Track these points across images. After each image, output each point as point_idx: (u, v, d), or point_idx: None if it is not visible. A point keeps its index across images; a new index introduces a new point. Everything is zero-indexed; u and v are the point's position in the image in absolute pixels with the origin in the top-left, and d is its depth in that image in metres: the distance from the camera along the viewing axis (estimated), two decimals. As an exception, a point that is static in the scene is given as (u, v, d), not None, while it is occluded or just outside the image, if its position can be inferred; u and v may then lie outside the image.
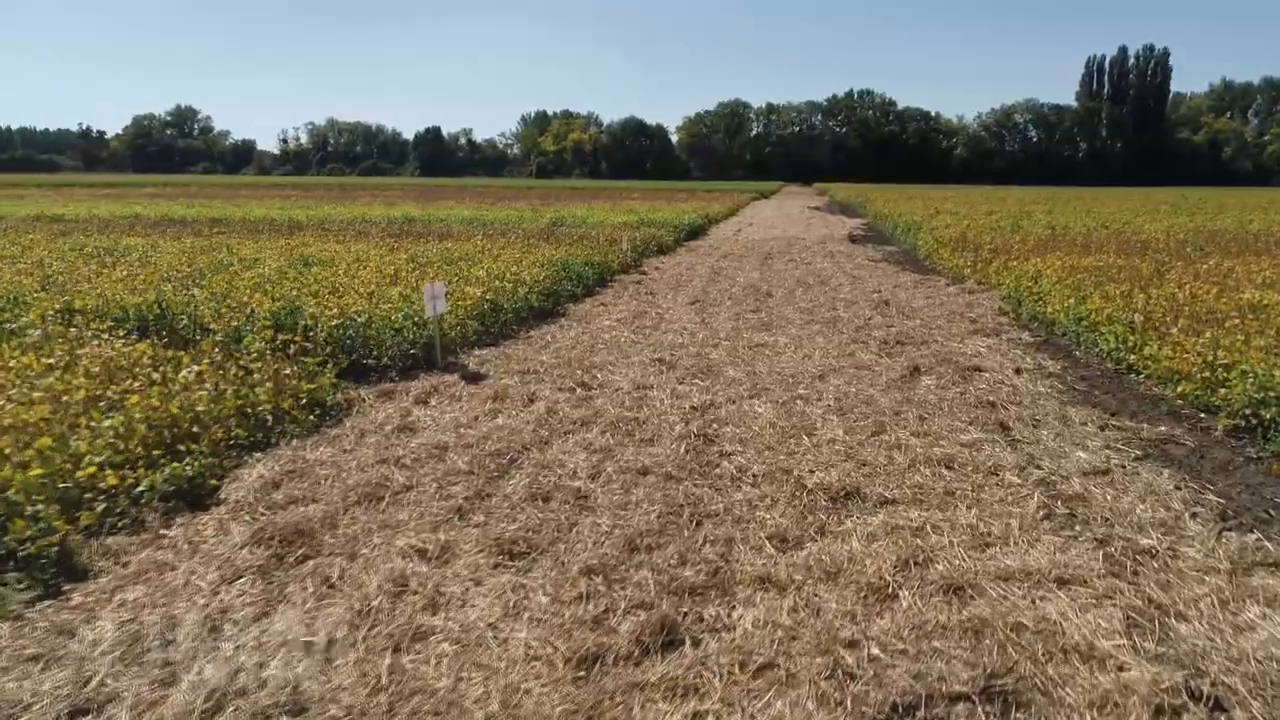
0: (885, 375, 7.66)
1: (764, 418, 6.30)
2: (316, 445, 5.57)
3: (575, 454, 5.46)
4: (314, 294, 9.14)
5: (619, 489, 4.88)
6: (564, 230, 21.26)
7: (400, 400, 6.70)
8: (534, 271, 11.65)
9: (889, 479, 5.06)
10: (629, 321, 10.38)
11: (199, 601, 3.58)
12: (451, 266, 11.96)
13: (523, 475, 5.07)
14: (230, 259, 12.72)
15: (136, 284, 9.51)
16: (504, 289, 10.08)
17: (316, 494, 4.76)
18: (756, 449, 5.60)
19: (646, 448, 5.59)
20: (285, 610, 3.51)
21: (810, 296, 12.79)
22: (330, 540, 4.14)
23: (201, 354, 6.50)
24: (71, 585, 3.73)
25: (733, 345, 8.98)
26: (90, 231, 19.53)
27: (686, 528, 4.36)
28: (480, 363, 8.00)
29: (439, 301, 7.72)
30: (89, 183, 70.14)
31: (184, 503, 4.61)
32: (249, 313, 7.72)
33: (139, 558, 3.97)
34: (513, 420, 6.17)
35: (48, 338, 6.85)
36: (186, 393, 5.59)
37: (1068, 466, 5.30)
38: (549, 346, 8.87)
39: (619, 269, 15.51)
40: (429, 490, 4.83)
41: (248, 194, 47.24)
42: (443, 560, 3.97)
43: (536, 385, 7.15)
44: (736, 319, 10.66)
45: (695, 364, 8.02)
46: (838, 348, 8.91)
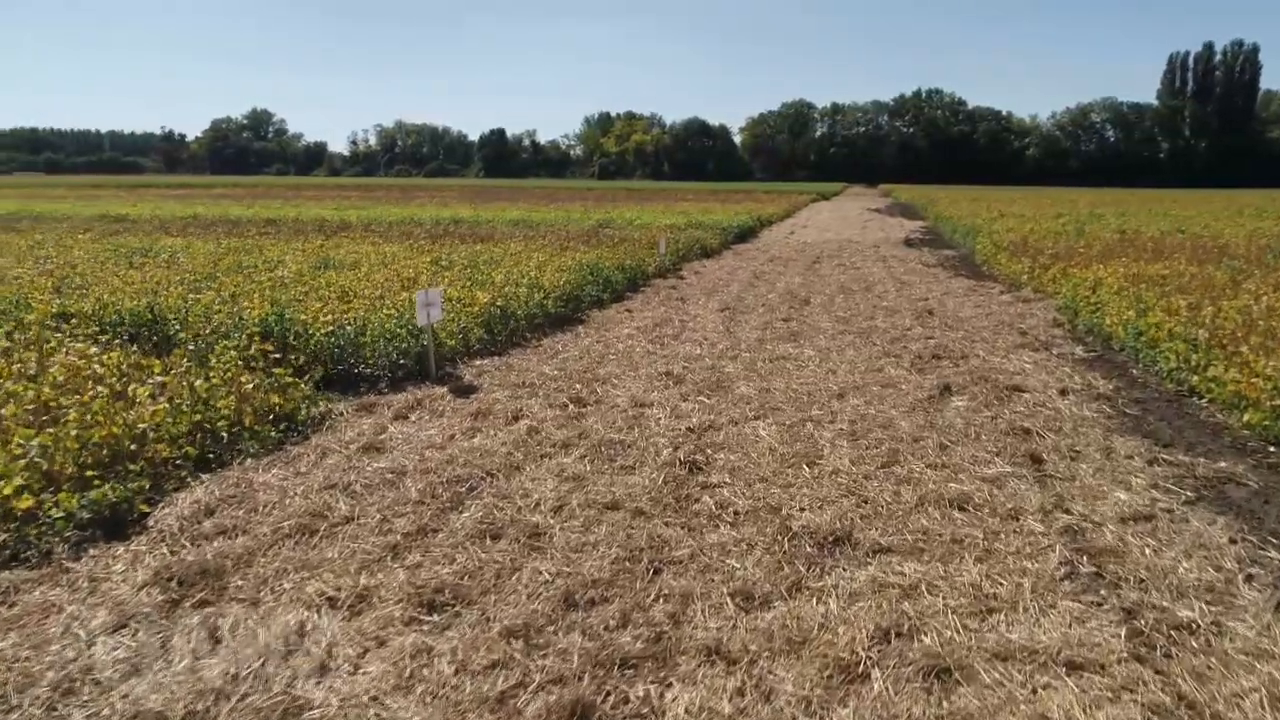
0: (912, 395, 6.98)
1: (765, 442, 5.70)
2: (271, 466, 5.18)
3: (544, 482, 4.96)
4: (320, 299, 8.84)
5: (579, 526, 4.36)
6: (608, 232, 20.82)
7: (380, 415, 6.29)
8: (555, 276, 11.20)
9: (889, 522, 4.43)
10: (650, 330, 9.84)
11: (68, 655, 3.17)
12: (473, 270, 11.58)
13: (479, 506, 4.58)
14: (255, 261, 12.57)
15: (146, 286, 9.35)
16: (517, 295, 9.64)
17: (249, 524, 4.35)
18: (746, 481, 5.02)
19: (624, 476, 5.06)
20: (156, 670, 3.08)
21: (850, 304, 12.08)
22: (239, 583, 3.72)
23: (171, 363, 6.19)
24: (-55, 628, 3.37)
25: (752, 358, 8.37)
26: (144, 232, 19.82)
27: (641, 578, 3.82)
28: (478, 374, 7.56)
29: (433, 309, 7.30)
30: (164, 183, 72.50)
31: (105, 531, 4.24)
32: (237, 319, 7.41)
33: (28, 598, 3.60)
34: (489, 440, 5.70)
35: (28, 343, 6.62)
36: (139, 407, 5.25)
37: (1103, 510, 4.59)
38: (557, 356, 8.39)
39: (655, 273, 14.99)
40: (370, 523, 4.38)
41: (311, 194, 48.06)
42: (354, 611, 3.51)
43: (528, 400, 6.68)
44: (765, 328, 10.04)
45: (706, 378, 7.45)
46: (866, 361, 8.24)
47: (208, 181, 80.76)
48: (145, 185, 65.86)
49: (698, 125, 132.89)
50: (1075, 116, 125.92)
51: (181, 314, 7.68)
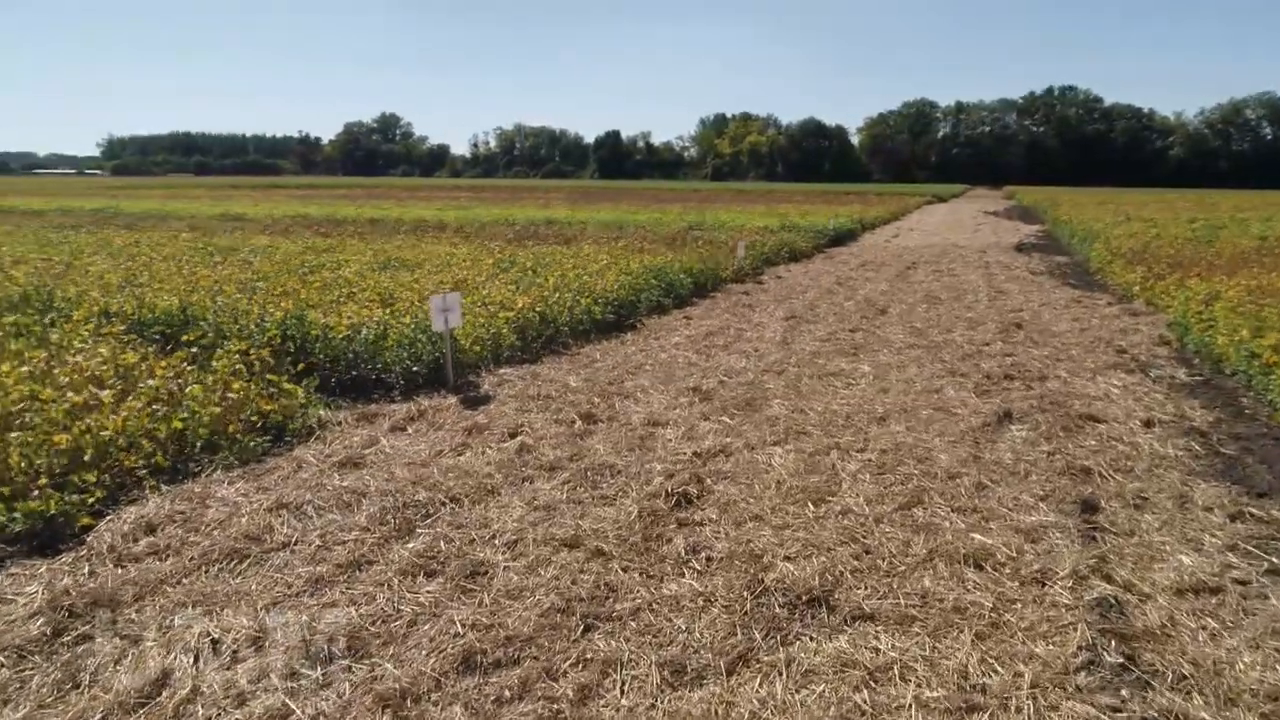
0: (965, 422, 6.20)
1: (775, 473, 5.09)
2: (237, 479, 4.92)
3: (511, 510, 4.51)
4: (360, 302, 8.69)
5: (525, 567, 3.89)
6: (696, 235, 20.30)
7: (378, 426, 6.00)
8: (614, 280, 10.77)
9: (884, 580, 3.77)
10: (700, 339, 9.28)
11: (-82, 691, 2.93)
12: (532, 274, 11.28)
13: (428, 537, 4.18)
14: (324, 261, 12.67)
15: (202, 286, 9.44)
16: (562, 300, 9.26)
17: (184, 545, 4.08)
18: (736, 519, 4.43)
19: (600, 508, 4.55)
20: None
21: (931, 315, 11.16)
22: (131, 616, 3.42)
23: (170, 365, 6.07)
24: None
25: (799, 373, 7.71)
26: (251, 231, 20.55)
27: (567, 636, 3.32)
28: (498, 384, 7.19)
29: (451, 314, 6.98)
30: (292, 184, 76.21)
31: (36, 545, 4.05)
32: (259, 321, 7.29)
33: (-80, 618, 3.41)
34: (474, 459, 5.30)
35: (46, 341, 6.66)
36: (102, 413, 5.10)
37: (1156, 577, 3.79)
38: (590, 366, 7.95)
39: (732, 278, 14.38)
40: (306, 550, 4.03)
41: (423, 195, 49.40)
42: (234, 659, 3.15)
43: (535, 414, 6.25)
44: (827, 339, 9.32)
45: (739, 395, 6.86)
46: (926, 380, 7.44)
47: (332, 182, 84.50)
48: (275, 186, 69.30)
49: (813, 126, 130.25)
50: (1227, 113, 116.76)
51: (211, 314, 7.63)
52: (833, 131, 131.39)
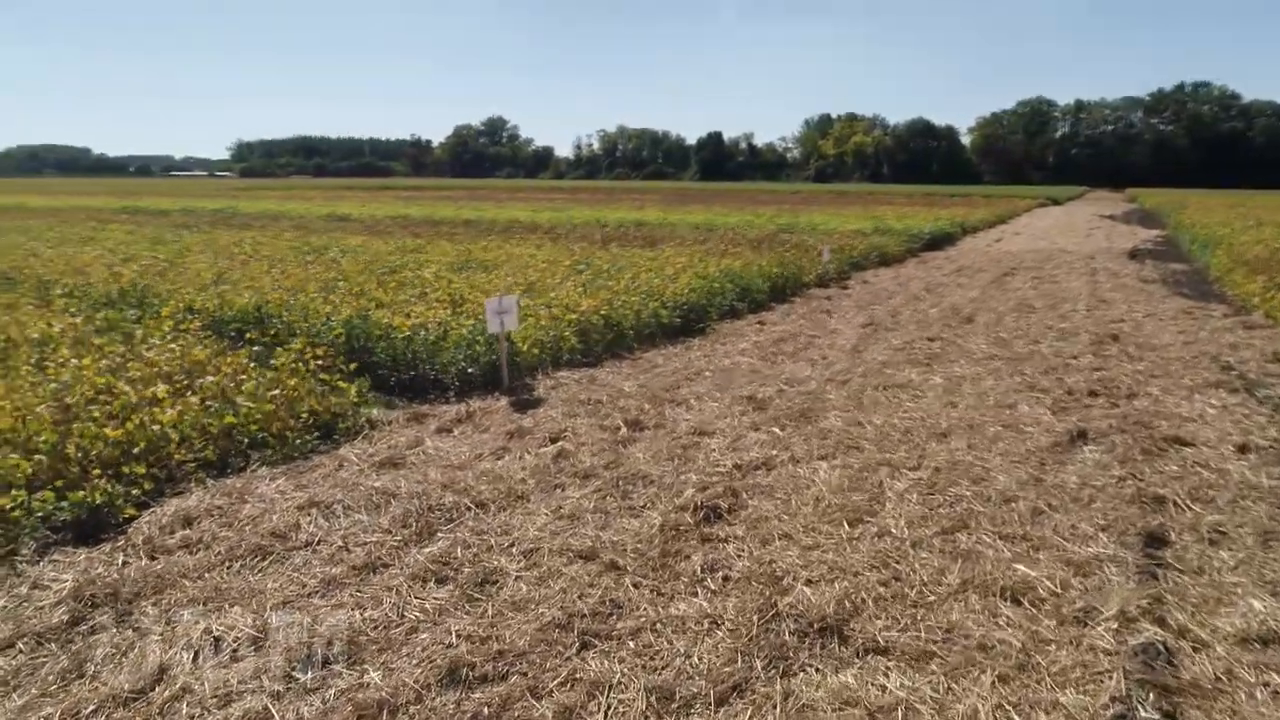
0: (1034, 440, 5.81)
1: (815, 489, 4.87)
2: (279, 476, 5.03)
3: (535, 518, 4.45)
4: (429, 302, 8.84)
5: (537, 577, 3.82)
6: (785, 237, 19.97)
7: (425, 426, 6.06)
8: (687, 283, 10.64)
9: (908, 610, 3.54)
10: (769, 345, 9.06)
11: (-60, 672, 3.07)
12: (600, 277, 11.27)
13: (447, 542, 4.16)
14: (407, 261, 12.98)
15: (284, 284, 9.79)
16: (628, 304, 9.19)
17: (214, 539, 4.18)
18: (764, 537, 4.25)
19: (624, 519, 4.45)
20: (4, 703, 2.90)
21: (1021, 324, 10.60)
22: (147, 609, 3.51)
23: (226, 363, 6.28)
24: None
25: (865, 383, 7.41)
26: (353, 231, 21.32)
27: (562, 653, 3.23)
28: (553, 387, 7.17)
29: (507, 317, 7.00)
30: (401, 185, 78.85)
31: (80, 534, 4.22)
32: (325, 320, 7.49)
33: (-41, 600, 3.58)
34: (511, 464, 5.28)
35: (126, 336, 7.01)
36: (171, 408, 5.30)
37: (1218, 624, 3.43)
38: (650, 371, 7.85)
39: (816, 282, 14.04)
40: (327, 550, 4.07)
41: (523, 197, 50.38)
42: (234, 657, 3.18)
43: (582, 420, 6.19)
44: (901, 348, 8.95)
45: (795, 405, 6.63)
46: (1001, 395, 7.04)
47: (437, 184, 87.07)
48: (385, 188, 71.80)
49: (921, 126, 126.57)
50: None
51: (283, 313, 7.88)
52: (942, 132, 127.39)
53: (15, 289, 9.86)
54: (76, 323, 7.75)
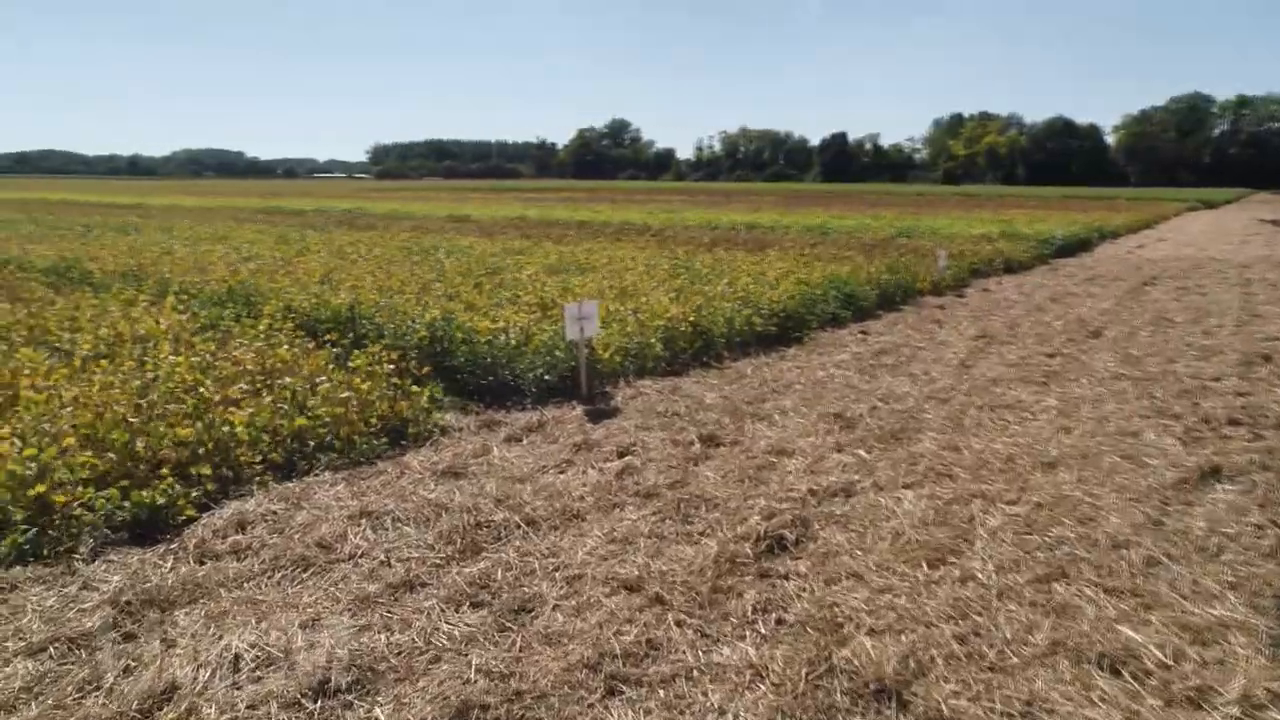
0: (1157, 475, 5.17)
1: (895, 522, 4.44)
2: (340, 482, 4.98)
3: (586, 540, 4.21)
4: (518, 306, 8.78)
5: (577, 607, 3.58)
6: (902, 242, 19.17)
7: (495, 434, 5.92)
8: (787, 289, 10.21)
9: (983, 674, 3.09)
10: (868, 357, 8.55)
11: (-28, 672, 3.08)
12: (696, 281, 10.97)
13: (489, 562, 3.97)
14: (508, 263, 13.03)
15: (382, 284, 9.94)
16: (719, 310, 8.86)
17: (263, 546, 4.13)
18: (829, 575, 3.87)
19: (679, 546, 4.15)
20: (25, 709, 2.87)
21: (1156, 340, 9.67)
22: (178, 619, 3.45)
23: (307, 364, 6.32)
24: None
25: (969, 402, 6.84)
26: (467, 232, 21.76)
27: (584, 698, 2.96)
28: (632, 396, 6.93)
29: (587, 323, 6.80)
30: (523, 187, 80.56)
31: (137, 534, 4.25)
32: (410, 322, 7.49)
33: (7, 600, 3.63)
34: (572, 478, 5.06)
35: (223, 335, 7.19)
36: (246, 407, 5.34)
37: (1371, 719, 2.84)
38: (736, 382, 7.50)
39: (930, 289, 13.29)
40: (368, 565, 3.95)
41: (641, 198, 50.56)
42: (248, 679, 3.06)
43: (658, 432, 5.92)
44: (1016, 364, 8.27)
45: (887, 425, 6.16)
46: (1123, 420, 6.35)
47: (558, 185, 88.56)
48: (508, 189, 73.55)
49: (1061, 125, 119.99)
50: None
51: (373, 314, 7.95)
52: (1083, 131, 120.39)
53: (140, 285, 10.39)
54: (182, 320, 8.04)
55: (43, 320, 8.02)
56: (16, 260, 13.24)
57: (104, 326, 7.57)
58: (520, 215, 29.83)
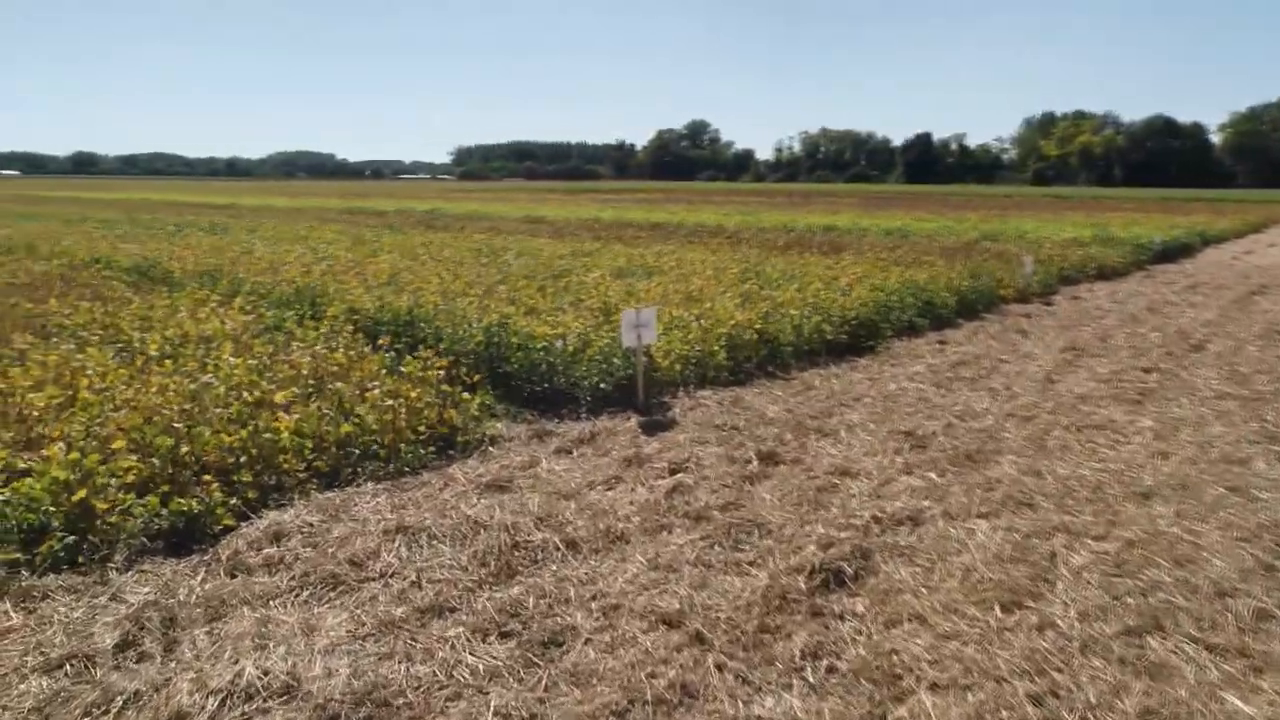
0: (1269, 512, 4.64)
1: (966, 557, 4.06)
2: (381, 493, 4.84)
3: (628, 566, 3.96)
4: (579, 311, 8.58)
5: (610, 642, 3.32)
6: (987, 245, 18.39)
7: (545, 446, 5.72)
8: (856, 295, 9.77)
9: (1061, 746, 2.72)
10: (945, 369, 8.07)
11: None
12: (766, 286, 10.61)
13: (523, 588, 3.75)
14: (575, 265, 12.88)
15: (446, 287, 9.88)
16: (787, 317, 8.50)
17: (296, 560, 4.00)
18: (890, 616, 3.52)
19: (726, 576, 3.85)
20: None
21: (1266, 355, 8.92)
22: (198, 638, 3.32)
23: (360, 368, 6.22)
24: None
25: (1054, 421, 6.35)
26: (541, 233, 21.77)
27: (608, 751, 2.71)
28: (692, 407, 6.64)
29: (645, 331, 6.55)
30: (599, 188, 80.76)
31: (175, 543, 4.18)
32: (467, 326, 7.36)
33: (25, 612, 3.56)
34: (620, 496, 4.81)
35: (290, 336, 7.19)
36: (294, 413, 5.26)
37: None
38: (802, 394, 7.15)
39: (1015, 296, 12.63)
40: (398, 586, 3.78)
41: (718, 199, 50.17)
42: (255, 710, 2.90)
43: (714, 447, 5.63)
44: (1107, 380, 7.69)
45: (962, 445, 5.74)
46: (1229, 445, 5.78)
47: (635, 187, 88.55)
48: (585, 190, 73.89)
49: (1161, 124, 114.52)
50: None
51: (430, 318, 7.85)
52: (1186, 130, 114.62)
53: (214, 285, 10.58)
54: (248, 321, 8.09)
55: (116, 319, 8.18)
56: (105, 259, 13.71)
57: (170, 327, 7.66)
58: (594, 217, 29.78)
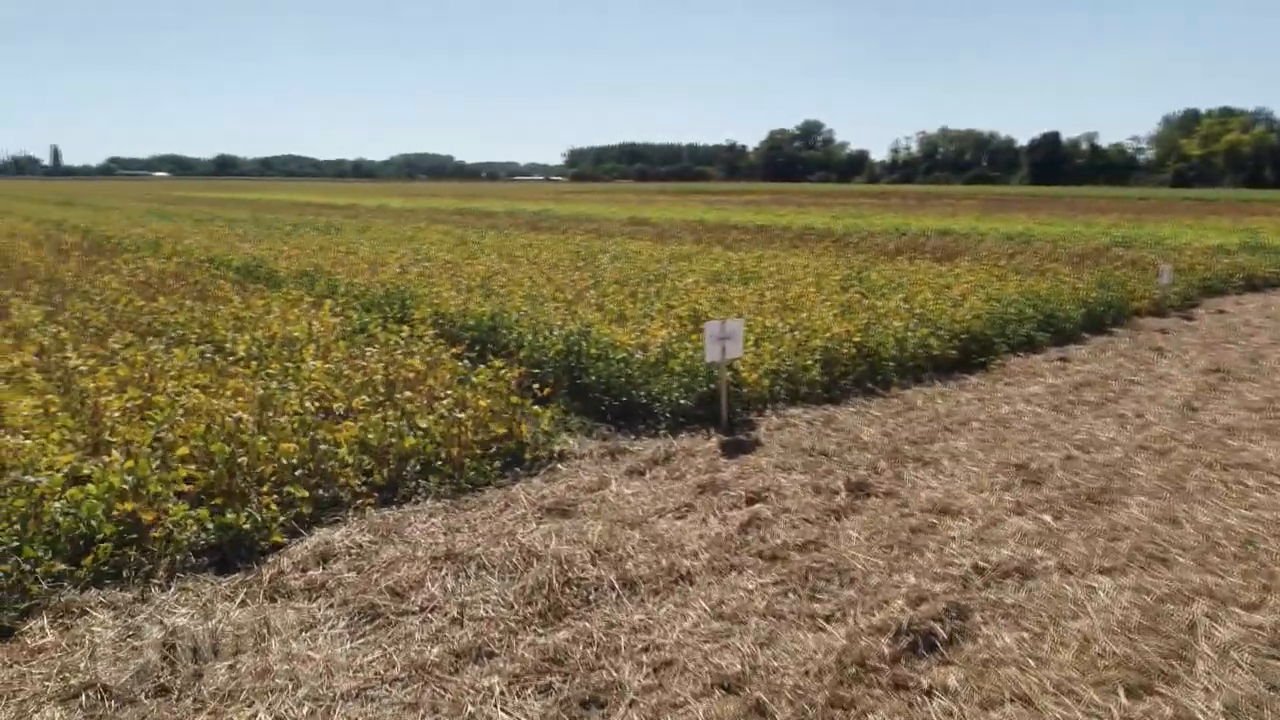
0: None
1: (1084, 623, 3.48)
2: (439, 511, 4.59)
3: (688, 612, 3.55)
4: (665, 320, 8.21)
5: (655, 709, 2.93)
6: (1118, 253, 17.04)
7: (619, 465, 5.37)
8: (970, 306, 9.05)
9: None
10: (1067, 391, 7.31)
11: (-1, 717, 2.86)
12: (869, 295, 9.98)
13: (570, 634, 3.40)
14: (673, 270, 12.52)
15: (536, 291, 9.69)
16: (891, 329, 7.89)
17: (338, 585, 3.78)
18: (988, 695, 3.00)
19: (799, 632, 3.40)
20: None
21: None
22: (218, 674, 3.10)
23: (434, 376, 6.02)
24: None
25: (1195, 456, 5.58)
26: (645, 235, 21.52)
27: None
28: (779, 426, 6.17)
29: (730, 344, 6.12)
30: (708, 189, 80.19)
31: (221, 558, 4.02)
32: (547, 334, 7.09)
33: (61, 630, 3.44)
34: (689, 528, 4.40)
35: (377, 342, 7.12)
36: (358, 422, 5.09)
37: None
38: (903, 414, 6.57)
39: (1148, 310, 11.56)
40: (436, 622, 3.49)
41: (828, 201, 48.93)
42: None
43: (799, 474, 5.15)
44: (1259, 409, 6.79)
45: (1084, 482, 5.08)
46: None
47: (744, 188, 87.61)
48: (693, 192, 73.45)
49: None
50: None
51: (513, 324, 7.63)
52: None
53: (311, 286, 10.71)
54: (336, 323, 8.07)
55: (214, 319, 8.30)
56: (219, 258, 14.19)
57: (260, 328, 7.69)
58: (699, 219, 29.38)
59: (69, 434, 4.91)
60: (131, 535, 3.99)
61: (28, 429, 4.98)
